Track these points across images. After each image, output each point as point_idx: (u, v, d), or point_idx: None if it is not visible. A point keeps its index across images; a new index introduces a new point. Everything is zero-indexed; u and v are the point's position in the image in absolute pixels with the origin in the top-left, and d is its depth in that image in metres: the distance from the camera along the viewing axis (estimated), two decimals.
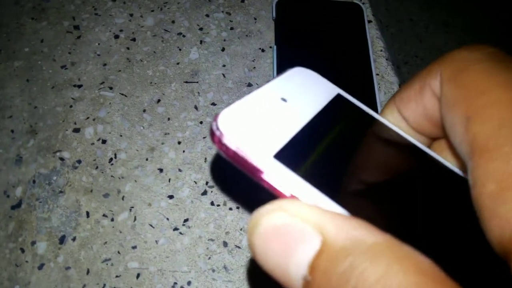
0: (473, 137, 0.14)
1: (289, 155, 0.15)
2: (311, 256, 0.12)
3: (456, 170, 0.18)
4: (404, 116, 0.19)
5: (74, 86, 0.45)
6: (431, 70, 0.17)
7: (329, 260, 0.12)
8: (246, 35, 0.50)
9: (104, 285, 0.36)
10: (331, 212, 0.13)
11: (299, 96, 0.18)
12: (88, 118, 0.44)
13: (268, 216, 0.13)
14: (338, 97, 0.19)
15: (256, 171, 0.14)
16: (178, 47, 0.48)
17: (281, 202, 0.14)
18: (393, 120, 0.20)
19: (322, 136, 0.17)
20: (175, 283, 0.36)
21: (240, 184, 0.40)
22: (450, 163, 0.18)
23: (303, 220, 0.13)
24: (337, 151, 0.17)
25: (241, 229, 0.39)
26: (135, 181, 0.40)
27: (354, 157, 0.17)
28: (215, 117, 0.15)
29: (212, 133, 0.15)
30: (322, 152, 0.16)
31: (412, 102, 0.18)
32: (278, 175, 0.14)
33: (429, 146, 0.20)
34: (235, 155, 0.15)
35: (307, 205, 0.13)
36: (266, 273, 0.13)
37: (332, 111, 0.18)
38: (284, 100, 0.17)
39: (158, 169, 0.41)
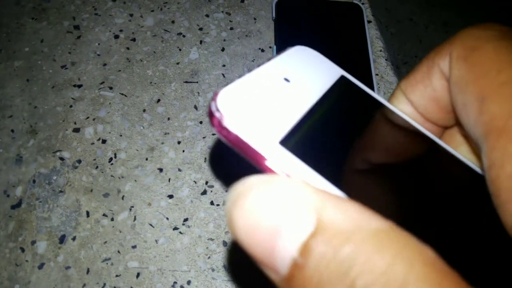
0: (490, 117, 0.13)
1: (296, 141, 0.14)
2: (305, 236, 0.11)
3: (461, 157, 0.17)
4: (411, 100, 0.18)
5: (74, 86, 0.45)
6: (440, 50, 0.16)
7: (327, 242, 0.11)
8: (246, 35, 0.50)
9: (104, 284, 0.36)
10: (329, 193, 0.12)
11: (303, 77, 0.17)
12: (88, 118, 0.44)
13: (256, 188, 0.12)
14: (342, 79, 0.18)
15: (259, 158, 0.13)
16: (178, 47, 0.49)
17: (272, 176, 0.12)
18: (400, 107, 0.18)
19: (328, 121, 0.16)
20: (175, 282, 0.36)
21: None
22: (460, 153, 0.18)
23: (296, 195, 0.11)
24: (345, 137, 0.16)
25: None
26: (135, 180, 0.40)
27: (363, 144, 0.16)
28: (214, 96, 0.14)
29: (211, 114, 0.13)
30: (329, 138, 0.16)
31: (420, 84, 0.17)
32: (284, 163, 0.13)
33: (440, 137, 0.19)
34: (236, 140, 0.13)
35: (301, 181, 0.12)
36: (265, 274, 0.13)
37: (338, 94, 0.17)
38: (287, 80, 0.16)
39: (158, 168, 0.41)
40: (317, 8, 0.51)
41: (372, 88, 0.45)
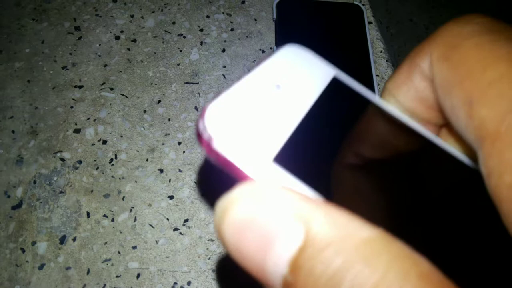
0: (480, 122, 0.12)
1: (290, 157, 0.13)
2: (293, 252, 0.10)
3: (464, 158, 0.16)
4: (399, 101, 0.17)
5: (75, 87, 0.46)
6: (420, 50, 0.16)
7: (315, 257, 0.10)
8: (247, 36, 0.50)
9: (105, 285, 0.36)
10: (317, 201, 0.11)
11: (294, 81, 0.16)
12: (88, 118, 0.44)
13: (241, 202, 0.11)
14: (336, 79, 0.17)
15: (254, 180, 0.12)
16: (178, 48, 0.49)
17: (256, 185, 0.12)
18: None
19: (324, 129, 0.15)
20: (175, 283, 0.36)
21: None
22: (458, 150, 0.17)
23: (282, 208, 0.11)
24: (341, 145, 0.15)
25: None
26: (136, 181, 0.41)
27: (357, 139, 0.16)
28: (201, 113, 0.13)
29: (199, 136, 0.13)
30: (326, 149, 0.15)
31: (403, 85, 0.17)
32: (279, 183, 0.12)
33: (437, 135, 0.18)
34: (227, 163, 0.12)
35: (287, 189, 0.11)
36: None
37: (332, 98, 0.16)
38: (278, 86, 0.15)
39: (159, 169, 0.41)
40: (318, 9, 0.51)
41: (372, 89, 0.45)
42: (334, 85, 0.17)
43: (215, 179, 0.41)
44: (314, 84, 0.17)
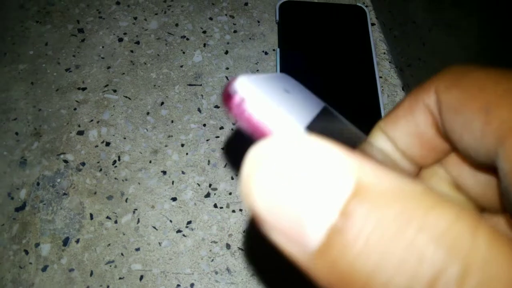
0: (500, 122, 0.13)
1: (320, 129, 0.13)
2: (344, 198, 0.09)
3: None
4: (392, 137, 0.18)
5: (78, 89, 0.46)
6: (424, 87, 0.16)
7: (372, 202, 0.09)
8: (250, 38, 0.50)
9: (108, 287, 0.36)
10: (366, 158, 0.10)
11: (298, 92, 0.16)
12: (92, 120, 0.44)
13: (280, 150, 0.10)
14: (326, 109, 0.18)
15: None
16: (181, 50, 0.49)
17: (299, 134, 0.11)
18: (380, 144, 0.18)
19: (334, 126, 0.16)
20: (178, 285, 0.36)
21: None
22: (441, 189, 0.18)
23: (330, 158, 0.10)
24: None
25: (244, 231, 0.39)
26: (139, 183, 0.41)
27: None
28: (230, 80, 0.12)
29: (229, 97, 0.12)
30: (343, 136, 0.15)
31: (402, 120, 0.17)
32: None
33: (416, 175, 0.18)
34: (259, 124, 0.12)
35: (330, 143, 0.10)
36: (269, 277, 0.12)
37: (324, 122, 0.17)
38: (287, 91, 0.15)
39: (162, 171, 0.41)
40: (321, 11, 0.51)
41: (376, 91, 0.45)
42: (325, 113, 0.17)
43: (219, 181, 0.41)
44: (311, 104, 0.17)
